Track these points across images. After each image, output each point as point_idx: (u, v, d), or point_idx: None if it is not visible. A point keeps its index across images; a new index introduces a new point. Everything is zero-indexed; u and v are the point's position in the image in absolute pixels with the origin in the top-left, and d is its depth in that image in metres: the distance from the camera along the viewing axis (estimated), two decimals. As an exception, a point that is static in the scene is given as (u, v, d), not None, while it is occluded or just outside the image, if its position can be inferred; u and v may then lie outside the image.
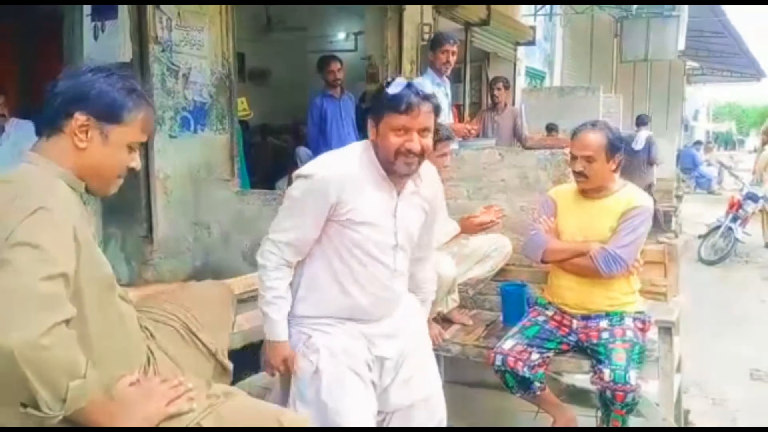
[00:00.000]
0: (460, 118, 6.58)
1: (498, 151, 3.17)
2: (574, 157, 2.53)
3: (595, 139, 2.47)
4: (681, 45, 9.81)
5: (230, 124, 4.37)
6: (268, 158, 6.77)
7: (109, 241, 4.01)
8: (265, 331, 1.98)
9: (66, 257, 1.28)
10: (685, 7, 9.26)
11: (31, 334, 1.14)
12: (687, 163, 15.60)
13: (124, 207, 3.90)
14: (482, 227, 2.79)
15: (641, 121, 8.85)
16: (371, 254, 1.89)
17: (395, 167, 1.84)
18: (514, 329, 2.53)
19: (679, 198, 9.28)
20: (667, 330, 2.34)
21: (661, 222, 8.45)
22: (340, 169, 1.87)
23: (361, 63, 6.87)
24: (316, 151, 4.16)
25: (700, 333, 4.96)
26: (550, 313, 2.59)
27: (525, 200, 3.12)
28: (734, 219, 7.78)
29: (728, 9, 11.97)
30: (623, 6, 9.66)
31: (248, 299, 3.03)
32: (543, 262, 2.59)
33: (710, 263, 7.60)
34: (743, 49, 15.12)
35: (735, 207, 7.88)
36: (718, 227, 7.82)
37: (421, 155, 1.84)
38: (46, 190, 1.34)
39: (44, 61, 4.35)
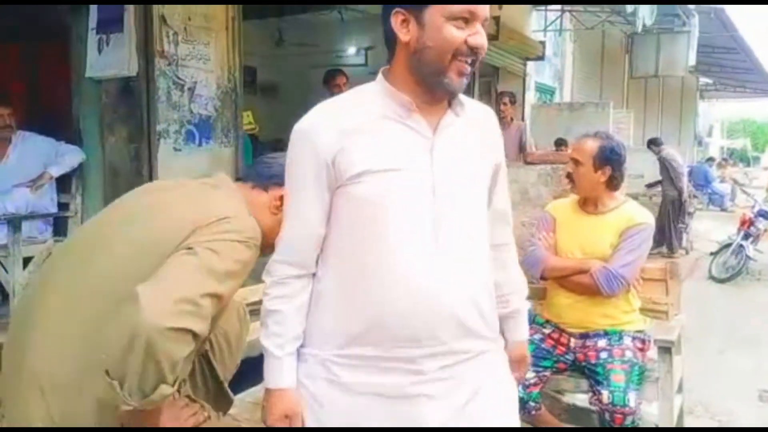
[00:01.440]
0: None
1: (499, 167, 3.15)
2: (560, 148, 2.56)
3: (586, 145, 2.49)
4: (692, 60, 9.76)
5: (235, 137, 4.40)
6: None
7: (113, 252, 4.02)
8: (264, 373, 1.39)
9: (232, 287, 1.40)
10: (696, 22, 9.22)
11: (166, 323, 1.20)
12: (699, 180, 15.45)
13: (128, 219, 3.92)
14: None
15: (659, 142, 8.88)
16: (394, 222, 1.26)
17: (446, 80, 1.27)
18: (510, 347, 2.49)
19: (690, 215, 9.18)
20: (666, 350, 2.29)
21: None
22: (327, 110, 1.35)
23: (371, 78, 6.89)
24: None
25: (708, 352, 4.88)
26: (547, 331, 2.55)
27: (526, 216, 3.09)
28: (746, 236, 7.69)
29: (740, 24, 11.88)
30: (632, 18, 9.63)
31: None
32: (542, 278, 2.56)
33: (721, 281, 7.50)
34: (756, 64, 15.00)
35: (747, 224, 7.78)
36: (730, 245, 7.73)
37: (475, 62, 1.31)
38: (257, 231, 1.49)
39: (49, 74, 4.41)
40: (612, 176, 2.48)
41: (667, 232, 8.51)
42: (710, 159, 17.89)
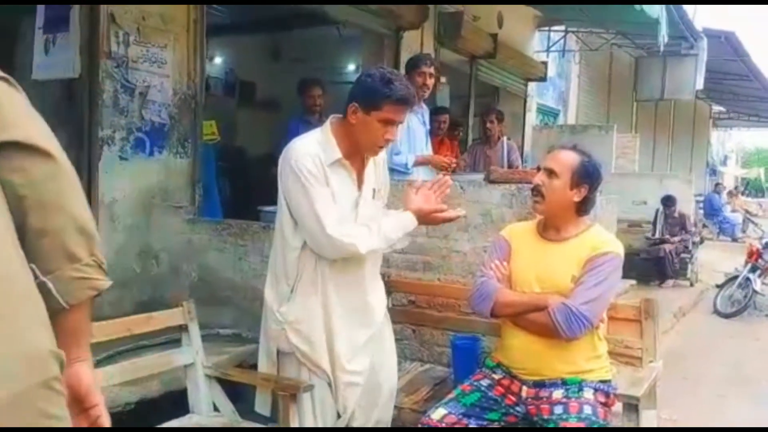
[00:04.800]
0: (455, 151, 6.20)
1: (459, 184, 2.80)
2: (537, 170, 2.23)
3: (565, 157, 2.18)
4: (699, 85, 9.34)
5: (193, 148, 4.09)
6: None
7: (50, 268, 3.71)
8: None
9: None
10: (704, 45, 8.85)
11: None
12: (708, 209, 15.03)
13: (66, 232, 3.62)
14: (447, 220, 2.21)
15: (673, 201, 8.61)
16: None
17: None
18: (450, 395, 2.12)
19: (695, 244, 8.74)
20: (633, 407, 1.91)
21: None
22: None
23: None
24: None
25: (707, 394, 4.47)
26: (497, 377, 2.17)
27: (488, 240, 2.73)
28: (753, 269, 7.24)
29: (752, 50, 11.52)
30: (641, 42, 9.32)
31: (163, 343, 2.70)
32: (493, 316, 2.18)
33: (726, 316, 7.05)
34: (769, 92, 14.57)
35: (754, 256, 7.34)
36: (736, 277, 7.29)
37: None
38: None
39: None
40: (586, 198, 2.16)
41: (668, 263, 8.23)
42: (718, 185, 17.41)
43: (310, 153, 1.97)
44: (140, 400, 2.68)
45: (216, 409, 2.27)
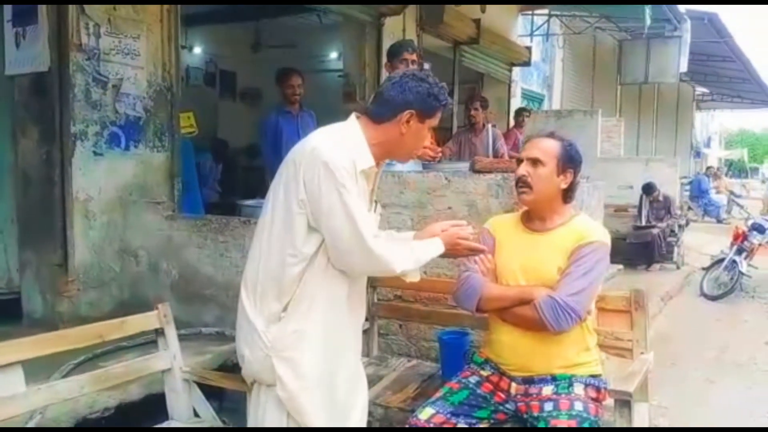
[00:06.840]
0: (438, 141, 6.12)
1: (444, 175, 2.72)
2: (519, 162, 2.15)
3: (547, 144, 2.12)
4: (683, 67, 9.34)
5: (170, 141, 3.97)
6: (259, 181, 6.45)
7: (25, 268, 3.60)
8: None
9: None
10: (688, 27, 8.82)
11: None
12: (695, 190, 15.11)
13: (41, 231, 3.51)
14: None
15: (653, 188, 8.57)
16: None
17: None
18: (438, 393, 2.06)
19: (681, 227, 8.76)
20: (624, 403, 1.86)
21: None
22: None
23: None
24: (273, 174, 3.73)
25: (693, 378, 4.47)
26: (485, 373, 2.11)
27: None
28: (739, 251, 7.26)
29: (735, 32, 11.51)
30: (623, 25, 9.25)
31: (147, 342, 2.62)
32: (479, 311, 2.12)
33: (713, 298, 7.06)
34: (752, 74, 14.63)
35: (740, 238, 7.36)
36: (722, 260, 7.30)
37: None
38: None
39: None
40: (572, 183, 2.12)
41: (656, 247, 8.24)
42: (710, 168, 17.50)
43: (346, 157, 1.70)
44: (119, 405, 2.60)
45: (197, 414, 2.19)
